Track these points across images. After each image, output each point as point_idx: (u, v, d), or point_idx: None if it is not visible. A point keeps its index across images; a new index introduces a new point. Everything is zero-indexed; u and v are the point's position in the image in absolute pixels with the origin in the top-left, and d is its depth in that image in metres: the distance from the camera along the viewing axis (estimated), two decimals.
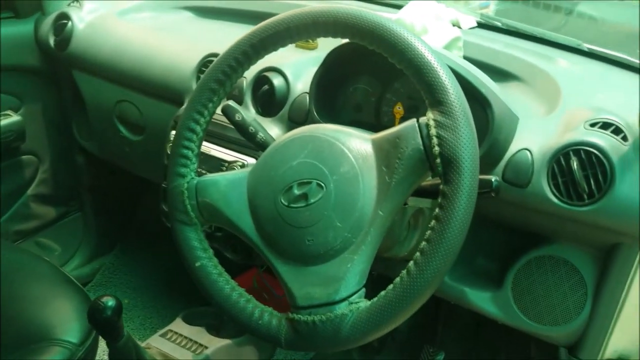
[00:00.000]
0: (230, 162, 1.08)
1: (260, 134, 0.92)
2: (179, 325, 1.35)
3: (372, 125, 1.02)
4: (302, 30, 0.76)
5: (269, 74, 1.10)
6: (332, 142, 0.74)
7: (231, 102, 0.90)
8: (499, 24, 1.20)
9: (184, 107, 0.85)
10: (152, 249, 1.88)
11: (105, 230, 1.85)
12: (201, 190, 0.81)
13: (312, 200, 0.72)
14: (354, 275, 0.71)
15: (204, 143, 1.13)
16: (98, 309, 0.83)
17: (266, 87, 1.09)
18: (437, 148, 0.66)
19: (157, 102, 1.30)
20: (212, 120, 0.85)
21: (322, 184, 0.72)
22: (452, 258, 0.65)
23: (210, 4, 1.49)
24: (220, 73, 0.81)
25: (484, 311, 0.99)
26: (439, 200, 0.66)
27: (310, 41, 1.26)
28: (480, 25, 1.18)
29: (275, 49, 0.80)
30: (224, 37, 1.32)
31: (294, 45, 1.27)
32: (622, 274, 0.87)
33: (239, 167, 1.06)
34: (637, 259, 0.84)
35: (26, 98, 1.54)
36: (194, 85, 1.20)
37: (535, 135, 0.88)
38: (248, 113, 0.93)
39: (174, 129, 1.18)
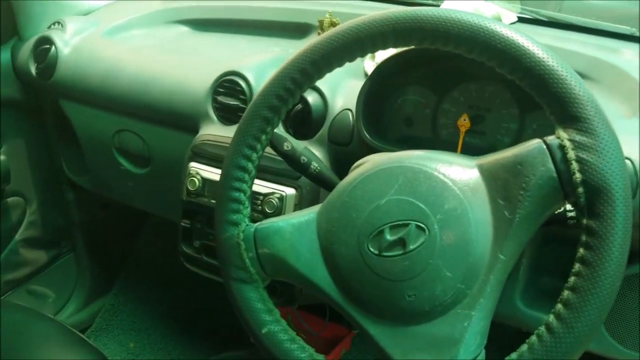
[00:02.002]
0: (265, 195, 0.94)
1: (314, 164, 0.79)
2: None
3: (428, 140, 0.91)
4: (377, 40, 0.63)
5: None
6: (429, 172, 0.61)
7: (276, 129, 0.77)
8: (540, 17, 1.10)
9: (232, 139, 0.71)
10: (155, 285, 1.73)
11: (101, 268, 1.68)
12: (262, 239, 0.68)
13: (411, 247, 0.59)
14: (473, 335, 0.58)
15: (214, 171, 1.00)
16: None
17: (300, 106, 0.96)
18: (578, 175, 0.54)
19: (164, 129, 1.15)
20: None
21: (423, 226, 0.59)
22: (607, 310, 0.53)
23: (208, 15, 1.34)
24: (274, 98, 0.68)
25: None
26: (583, 238, 0.54)
27: None
28: (521, 19, 1.08)
29: (340, 65, 0.67)
30: (234, 52, 1.19)
31: None
32: None
33: (277, 200, 0.93)
34: None
35: (7, 134, 1.37)
36: (210, 109, 1.06)
37: (631, 140, 0.77)
38: (296, 140, 0.80)
39: (192, 160, 1.03)
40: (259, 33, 1.28)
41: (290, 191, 0.93)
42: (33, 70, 1.29)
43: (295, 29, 1.25)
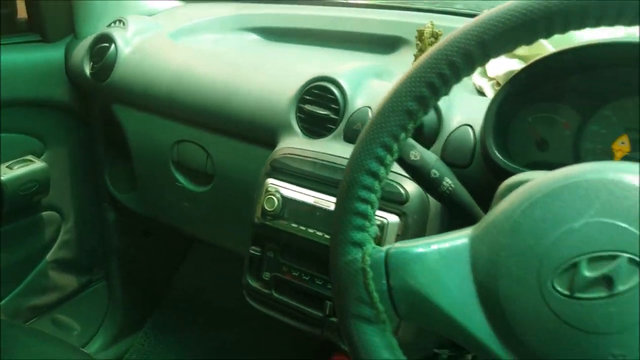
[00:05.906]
0: None
1: (447, 181, 0.64)
2: None
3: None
4: (572, 18, 0.47)
5: None
6: None
7: None
8: None
9: (360, 137, 0.56)
10: (193, 326, 1.54)
11: (134, 302, 1.51)
12: (396, 268, 0.52)
13: (621, 288, 0.43)
14: None
15: (296, 189, 0.85)
16: None
17: None
18: None
19: (234, 142, 1.01)
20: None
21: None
22: None
23: (283, 23, 1.22)
24: (424, 86, 0.53)
25: None
26: None
27: None
28: None
29: (510, 49, 0.52)
30: (320, 61, 1.05)
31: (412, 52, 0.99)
32: None
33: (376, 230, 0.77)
34: None
35: (50, 140, 1.24)
36: (293, 119, 0.92)
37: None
38: (424, 149, 0.65)
39: (271, 176, 0.88)
40: (340, 46, 1.15)
41: (392, 218, 0.77)
42: (87, 70, 1.17)
43: (383, 43, 1.11)
